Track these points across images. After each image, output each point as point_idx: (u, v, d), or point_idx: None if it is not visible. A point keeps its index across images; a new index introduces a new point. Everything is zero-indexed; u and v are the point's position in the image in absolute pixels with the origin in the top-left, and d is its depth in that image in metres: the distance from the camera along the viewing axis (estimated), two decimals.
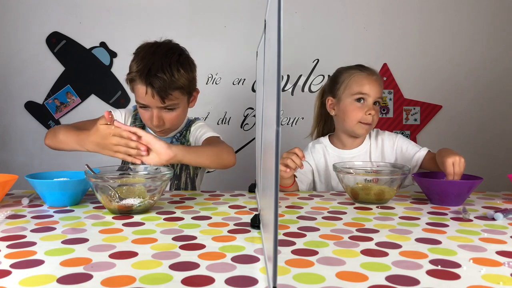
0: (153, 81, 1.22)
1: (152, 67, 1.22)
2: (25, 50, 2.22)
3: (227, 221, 0.92)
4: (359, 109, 1.38)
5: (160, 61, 1.23)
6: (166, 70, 1.22)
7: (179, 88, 1.25)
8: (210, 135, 1.36)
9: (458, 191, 1.10)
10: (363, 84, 1.39)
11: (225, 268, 0.65)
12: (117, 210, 0.97)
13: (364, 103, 1.39)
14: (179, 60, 1.27)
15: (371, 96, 1.38)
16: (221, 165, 1.25)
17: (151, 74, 1.22)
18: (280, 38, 0.45)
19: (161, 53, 1.25)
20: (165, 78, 1.22)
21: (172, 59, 1.25)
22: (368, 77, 1.40)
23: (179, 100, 1.28)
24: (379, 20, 2.20)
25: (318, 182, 1.46)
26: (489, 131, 2.23)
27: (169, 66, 1.23)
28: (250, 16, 2.15)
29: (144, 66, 1.23)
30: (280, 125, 0.47)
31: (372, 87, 1.39)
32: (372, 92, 1.38)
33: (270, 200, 0.54)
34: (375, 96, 1.39)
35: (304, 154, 1.45)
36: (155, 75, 1.22)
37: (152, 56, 1.25)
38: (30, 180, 1.05)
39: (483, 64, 2.21)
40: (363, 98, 1.39)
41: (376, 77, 1.42)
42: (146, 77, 1.22)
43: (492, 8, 2.19)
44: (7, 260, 0.68)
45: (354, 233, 0.84)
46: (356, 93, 1.39)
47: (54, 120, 2.25)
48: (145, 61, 1.24)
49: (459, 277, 0.62)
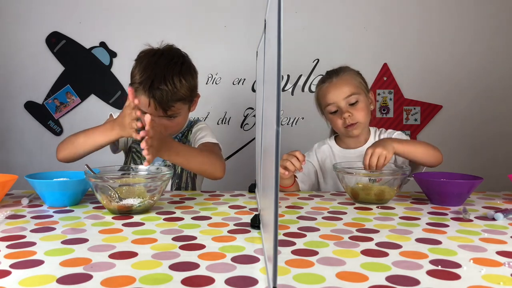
0: (155, 93, 1.23)
1: (155, 79, 1.23)
2: (25, 50, 2.22)
3: (227, 221, 0.92)
4: (336, 118, 1.40)
5: (163, 73, 1.24)
6: (168, 82, 1.24)
7: (181, 100, 1.27)
8: (208, 141, 1.36)
9: (458, 191, 1.10)
10: (325, 95, 1.41)
11: (225, 268, 0.65)
12: (117, 210, 0.97)
13: (337, 110, 1.40)
14: (181, 71, 1.28)
15: (338, 101, 1.39)
16: (206, 175, 1.27)
17: (153, 87, 1.23)
18: (280, 38, 0.45)
19: (163, 64, 1.26)
20: (167, 89, 1.23)
21: (174, 70, 1.26)
22: (329, 85, 1.41)
23: (180, 109, 1.31)
24: (379, 20, 2.20)
25: (323, 183, 1.47)
26: (489, 131, 2.23)
27: (172, 78, 1.24)
28: (250, 16, 2.15)
29: (147, 77, 1.24)
30: (280, 125, 0.47)
31: (334, 92, 1.39)
32: (335, 97, 1.39)
33: (270, 200, 0.54)
34: (341, 97, 1.38)
35: (308, 155, 1.47)
36: (157, 88, 1.23)
37: (155, 67, 1.26)
38: (30, 180, 1.05)
39: (483, 64, 2.21)
40: (334, 109, 1.40)
41: (337, 79, 1.40)
42: (149, 90, 1.24)
43: (492, 8, 2.19)
44: (7, 260, 0.67)
45: (354, 233, 0.84)
46: (326, 106, 1.41)
47: (54, 120, 2.25)
48: (148, 72, 1.25)
49: (459, 277, 0.62)
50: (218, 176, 1.25)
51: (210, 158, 1.24)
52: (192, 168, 1.24)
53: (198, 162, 1.22)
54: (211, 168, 1.24)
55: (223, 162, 1.28)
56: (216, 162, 1.25)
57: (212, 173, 1.25)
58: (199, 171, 1.26)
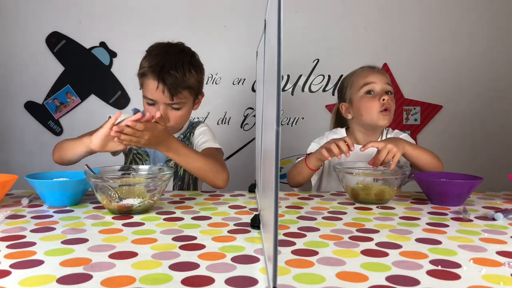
0: (165, 77, 1.25)
1: (166, 64, 1.25)
2: (25, 50, 2.22)
3: (227, 221, 0.92)
4: (372, 99, 1.38)
5: (174, 60, 1.26)
6: (179, 68, 1.26)
7: (189, 88, 1.28)
8: (210, 146, 1.35)
9: (458, 191, 1.10)
10: (366, 76, 1.41)
11: (225, 268, 0.65)
12: (117, 210, 0.97)
13: (375, 93, 1.38)
14: (191, 61, 1.31)
15: (379, 83, 1.38)
16: (207, 181, 1.26)
17: (164, 71, 1.25)
18: (280, 38, 0.45)
19: (174, 53, 1.29)
20: (177, 76, 1.25)
21: (185, 59, 1.29)
22: (370, 69, 1.43)
23: (186, 99, 1.31)
24: (379, 20, 2.20)
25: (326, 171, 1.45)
26: (489, 131, 2.23)
27: (182, 66, 1.26)
28: (250, 16, 2.15)
29: (158, 62, 1.26)
30: (280, 125, 0.47)
31: (377, 75, 1.40)
32: (378, 79, 1.39)
33: (270, 200, 0.54)
34: (383, 82, 1.39)
35: (320, 139, 1.46)
36: (168, 72, 1.25)
37: (166, 55, 1.28)
38: (30, 180, 1.05)
39: (483, 64, 2.21)
40: (371, 89, 1.38)
41: (379, 70, 1.44)
42: (159, 73, 1.25)
43: (492, 8, 2.19)
44: (7, 260, 0.67)
45: (354, 233, 0.84)
46: (363, 85, 1.39)
47: (54, 120, 2.25)
48: (158, 58, 1.27)
49: (459, 277, 0.62)
50: (219, 185, 1.25)
51: (214, 166, 1.23)
52: (192, 170, 1.23)
53: (198, 166, 1.21)
54: (212, 175, 1.23)
55: (226, 172, 1.26)
56: (219, 171, 1.24)
57: (213, 180, 1.24)
58: (199, 175, 1.25)
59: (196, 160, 1.21)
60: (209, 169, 1.22)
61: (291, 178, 1.40)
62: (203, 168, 1.22)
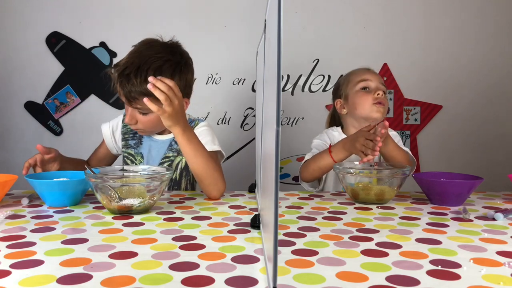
0: (123, 81, 1.18)
1: (130, 66, 1.17)
2: (25, 50, 2.22)
3: (227, 221, 0.92)
4: (367, 93, 1.42)
5: (139, 63, 1.17)
6: (142, 73, 1.15)
7: (147, 96, 1.08)
8: (210, 149, 1.23)
9: (458, 191, 1.10)
10: (363, 74, 1.46)
11: (225, 268, 0.65)
12: (117, 210, 0.97)
13: (370, 89, 1.43)
14: (162, 67, 1.18)
15: (374, 81, 1.43)
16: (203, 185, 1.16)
17: (123, 74, 1.18)
18: (280, 38, 0.45)
19: (146, 55, 1.19)
20: (134, 82, 1.16)
21: (154, 64, 1.17)
22: (366, 69, 1.48)
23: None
24: (379, 20, 2.20)
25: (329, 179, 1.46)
26: (489, 131, 2.23)
27: (146, 70, 1.15)
28: (250, 16, 2.15)
29: (125, 62, 1.19)
30: (280, 125, 0.47)
31: (372, 75, 1.45)
32: (373, 78, 1.44)
33: (270, 200, 0.54)
34: (378, 81, 1.43)
35: (321, 136, 1.49)
36: (127, 76, 1.17)
37: (138, 55, 1.20)
38: (30, 180, 1.05)
39: (484, 64, 2.21)
40: (367, 86, 1.43)
41: (374, 71, 1.49)
42: (119, 75, 1.18)
43: (493, 8, 2.19)
44: (6, 260, 0.67)
45: (354, 233, 0.84)
46: (359, 82, 1.44)
47: (54, 120, 2.25)
48: (128, 57, 1.20)
49: (459, 277, 0.62)
50: (214, 195, 1.15)
51: (214, 173, 1.15)
52: (195, 165, 1.14)
53: (202, 164, 1.14)
54: (208, 182, 1.15)
55: (223, 184, 1.17)
56: (217, 181, 1.15)
57: (209, 187, 1.15)
58: (199, 175, 1.15)
59: (203, 156, 1.14)
60: (209, 174, 1.14)
61: (307, 172, 1.37)
62: (204, 168, 1.14)
